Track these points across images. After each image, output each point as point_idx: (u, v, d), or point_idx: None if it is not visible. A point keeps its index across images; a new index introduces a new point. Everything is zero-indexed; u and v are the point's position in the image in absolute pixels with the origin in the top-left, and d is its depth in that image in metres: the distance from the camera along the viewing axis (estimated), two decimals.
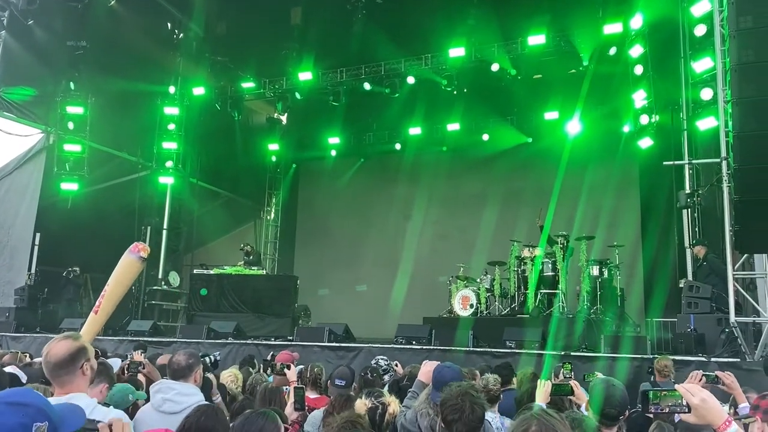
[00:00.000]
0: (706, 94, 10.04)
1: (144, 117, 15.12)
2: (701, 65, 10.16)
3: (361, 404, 3.26)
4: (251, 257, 14.54)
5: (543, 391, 3.23)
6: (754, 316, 8.01)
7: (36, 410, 1.64)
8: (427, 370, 3.94)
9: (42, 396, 1.77)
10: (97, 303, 3.99)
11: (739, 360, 7.79)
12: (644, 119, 12.26)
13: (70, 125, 13.60)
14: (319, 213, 18.45)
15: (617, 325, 11.28)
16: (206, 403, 3.21)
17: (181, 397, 3.44)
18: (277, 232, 19.40)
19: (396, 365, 6.59)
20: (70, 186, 13.46)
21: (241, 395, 5.05)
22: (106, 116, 13.92)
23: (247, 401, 4.38)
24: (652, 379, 6.70)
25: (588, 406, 3.26)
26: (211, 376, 4.47)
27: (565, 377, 3.99)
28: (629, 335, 10.36)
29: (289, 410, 4.00)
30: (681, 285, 10.07)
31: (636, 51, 12.24)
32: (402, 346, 9.65)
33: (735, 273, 8.05)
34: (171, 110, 15.68)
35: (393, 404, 3.25)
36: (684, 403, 2.02)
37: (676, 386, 2.08)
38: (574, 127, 14.97)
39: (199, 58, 15.94)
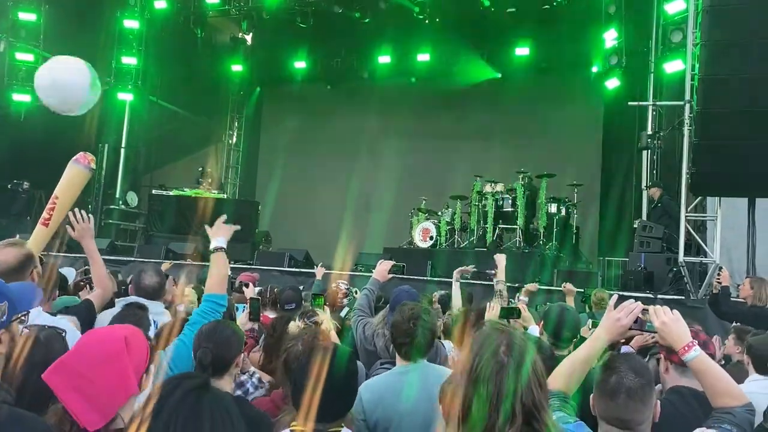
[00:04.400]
0: (676, 36, 10.07)
1: (102, 29, 14.40)
2: (674, 7, 10.14)
3: (294, 326, 3.31)
4: (209, 180, 14.34)
5: (492, 314, 3.32)
6: (702, 257, 8.34)
7: None
8: (382, 269, 4.13)
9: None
10: (46, 215, 3.87)
11: (684, 298, 8.15)
12: (613, 60, 12.24)
13: (22, 33, 12.90)
14: (283, 139, 18.13)
15: (571, 261, 11.61)
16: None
17: (155, 316, 3.42)
18: (239, 156, 19.08)
19: (356, 292, 6.70)
20: (22, 97, 12.88)
21: None
22: (62, 26, 13.19)
23: None
24: (587, 310, 6.86)
25: (542, 329, 3.37)
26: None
27: (519, 299, 4.12)
28: (581, 271, 10.72)
29: (243, 320, 4.10)
30: (635, 225, 10.36)
31: None
32: (361, 274, 9.78)
33: (687, 215, 8.31)
34: (131, 23, 14.95)
35: (326, 322, 3.32)
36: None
37: (650, 307, 2.16)
38: (544, 64, 14.89)
39: None
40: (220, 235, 3.18)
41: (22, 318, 1.77)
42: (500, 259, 4.71)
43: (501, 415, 1.59)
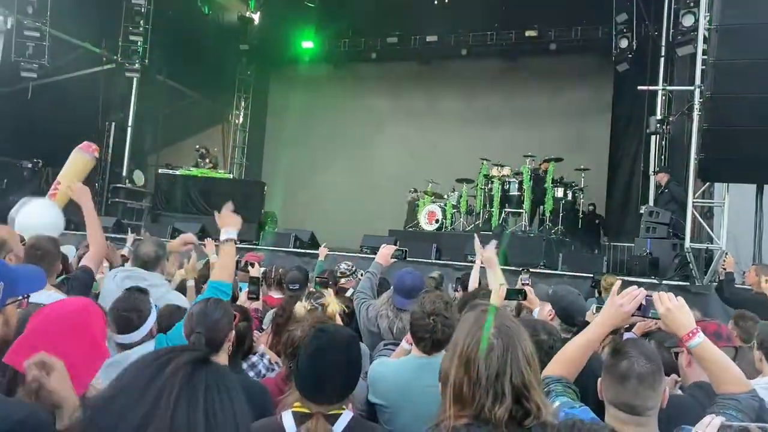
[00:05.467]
0: (688, 20, 9.93)
1: (109, 7, 14.33)
2: None
3: (301, 306, 3.32)
4: (207, 160, 14.33)
5: (498, 295, 3.31)
6: (708, 243, 8.30)
7: None
8: (384, 253, 4.11)
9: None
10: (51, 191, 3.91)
11: (688, 284, 8.13)
12: (623, 42, 12.12)
13: (29, 9, 12.83)
14: (290, 119, 18.09)
15: (576, 245, 11.59)
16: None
17: (152, 288, 3.42)
18: (246, 136, 19.04)
19: (361, 274, 6.71)
20: (29, 74, 12.86)
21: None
22: (69, 3, 13.13)
23: None
24: (597, 295, 6.89)
25: (552, 311, 3.37)
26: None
27: (523, 283, 4.10)
28: (586, 256, 10.70)
29: (243, 299, 4.12)
30: (641, 211, 10.32)
31: None
32: (366, 255, 9.79)
33: (695, 201, 8.25)
34: (138, 1, 14.86)
35: (332, 304, 3.32)
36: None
37: (654, 293, 2.15)
38: (553, 47, 14.75)
39: None
40: (230, 225, 3.20)
41: (21, 301, 1.74)
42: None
43: (491, 395, 1.61)
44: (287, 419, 2.00)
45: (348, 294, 4.89)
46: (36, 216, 3.96)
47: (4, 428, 1.42)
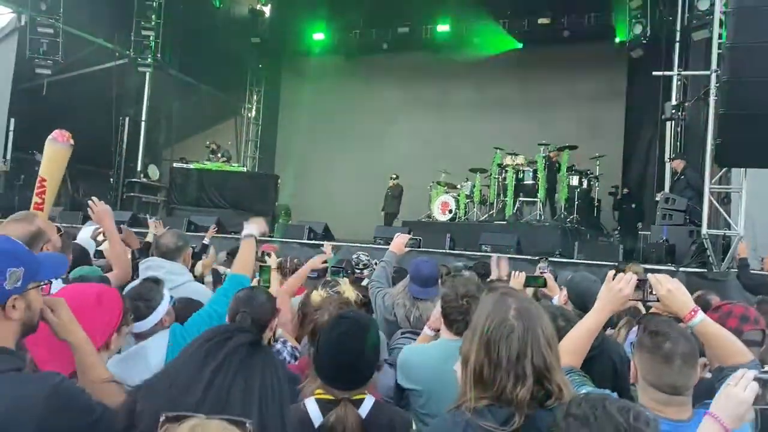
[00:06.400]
0: (703, 4, 9.81)
1: (121, 2, 14.40)
2: None
3: (317, 295, 3.34)
4: (220, 154, 14.40)
5: (517, 282, 3.30)
6: (725, 230, 8.22)
7: (9, 255, 1.63)
8: (399, 242, 4.12)
9: (20, 243, 1.76)
10: (38, 200, 3.91)
11: (705, 270, 8.06)
12: (638, 29, 12.00)
13: (42, 6, 12.93)
14: (302, 112, 18.10)
15: (591, 234, 11.52)
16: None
17: (171, 275, 3.43)
18: (258, 130, 19.09)
19: (376, 263, 6.72)
20: (44, 71, 12.97)
21: None
22: None
23: None
24: None
25: (566, 298, 3.36)
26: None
27: (541, 272, 4.09)
28: (602, 243, 10.63)
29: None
30: (657, 198, 10.23)
31: None
32: (380, 246, 9.79)
33: (712, 187, 8.18)
34: None
35: (348, 292, 3.34)
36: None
37: (649, 276, 2.15)
38: (566, 33, 14.61)
39: None
40: (254, 227, 3.31)
41: (43, 286, 1.77)
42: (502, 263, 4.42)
43: (512, 377, 1.62)
44: (312, 407, 2.01)
45: (364, 283, 4.90)
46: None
47: (45, 393, 1.51)
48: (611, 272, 2.25)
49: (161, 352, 2.44)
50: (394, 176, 14.11)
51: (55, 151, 4.16)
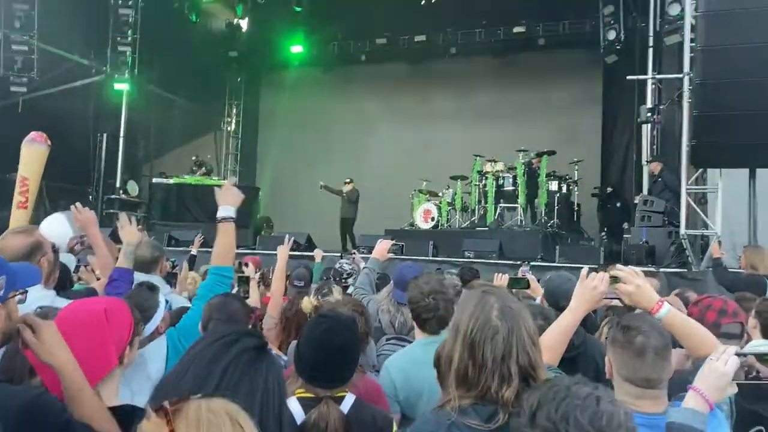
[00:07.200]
0: (674, 8, 9.99)
1: (96, 18, 14.31)
2: None
3: (308, 302, 3.33)
4: (203, 168, 14.33)
5: (500, 284, 3.33)
6: (703, 230, 8.35)
7: None
8: (381, 248, 4.14)
9: None
10: (22, 198, 3.88)
11: (685, 270, 8.17)
12: (611, 34, 12.18)
13: (17, 24, 12.81)
14: (282, 124, 18.07)
15: (572, 238, 11.62)
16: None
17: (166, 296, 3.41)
18: (238, 143, 19.02)
19: (363, 267, 6.70)
20: (19, 88, 12.83)
21: None
22: (56, 15, 13.11)
23: None
24: None
25: (543, 298, 3.39)
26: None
27: (523, 274, 4.13)
28: (584, 247, 10.73)
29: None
30: (636, 200, 10.36)
31: None
32: (364, 255, 9.77)
33: (688, 187, 8.31)
34: (125, 11, 14.84)
35: (339, 298, 3.34)
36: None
37: (617, 271, 2.19)
38: (542, 41, 14.79)
39: None
40: (228, 202, 3.01)
41: (20, 296, 1.75)
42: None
43: (497, 377, 1.63)
44: (294, 406, 2.01)
45: (348, 291, 4.90)
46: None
47: (21, 403, 1.47)
48: (585, 270, 2.28)
49: (161, 359, 2.45)
50: (349, 180, 13.85)
51: (35, 152, 4.15)
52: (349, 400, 2.08)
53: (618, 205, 12.60)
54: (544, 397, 1.37)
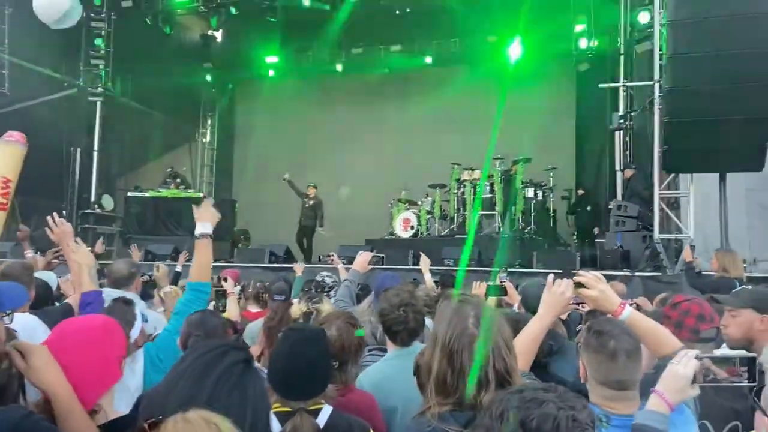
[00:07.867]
0: (644, 17, 10.20)
1: (68, 31, 14.13)
2: None
3: (297, 308, 3.34)
4: (178, 180, 14.22)
5: (478, 293, 3.36)
6: (676, 233, 8.49)
7: None
8: (362, 260, 4.14)
9: None
10: (2, 200, 3.81)
11: (660, 274, 8.30)
12: (583, 43, 12.38)
13: None
14: (258, 135, 18.02)
15: (549, 243, 11.74)
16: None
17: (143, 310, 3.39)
18: (214, 155, 18.91)
19: (344, 280, 6.70)
20: None
21: None
22: (27, 29, 12.93)
23: None
24: None
25: (520, 305, 3.43)
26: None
27: (501, 281, 4.16)
28: (560, 252, 10.85)
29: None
30: (610, 206, 10.50)
31: None
32: (344, 265, 9.76)
33: (661, 192, 8.45)
34: (98, 24, 14.72)
35: (327, 307, 3.34)
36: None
37: (579, 277, 2.23)
38: (515, 50, 14.96)
39: None
40: (206, 219, 3.10)
41: (4, 317, 1.74)
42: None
43: (475, 383, 1.67)
44: (271, 421, 2.02)
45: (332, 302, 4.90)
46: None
47: (5, 428, 1.46)
48: (551, 277, 2.33)
49: (138, 373, 2.44)
50: (313, 185, 13.72)
51: (12, 151, 4.07)
52: (326, 411, 2.08)
53: (588, 209, 12.78)
54: (497, 399, 1.38)
